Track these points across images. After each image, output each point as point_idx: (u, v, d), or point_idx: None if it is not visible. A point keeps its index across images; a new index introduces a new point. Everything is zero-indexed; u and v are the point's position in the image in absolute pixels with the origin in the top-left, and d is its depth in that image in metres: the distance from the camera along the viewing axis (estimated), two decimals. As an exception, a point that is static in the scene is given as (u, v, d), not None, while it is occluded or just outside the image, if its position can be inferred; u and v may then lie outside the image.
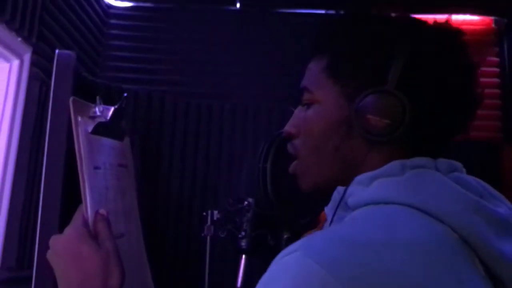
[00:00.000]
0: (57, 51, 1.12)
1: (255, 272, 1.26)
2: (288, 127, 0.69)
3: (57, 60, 1.07)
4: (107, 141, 0.86)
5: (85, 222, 0.72)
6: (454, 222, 0.50)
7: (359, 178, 0.59)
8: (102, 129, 0.82)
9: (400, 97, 0.56)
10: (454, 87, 0.60)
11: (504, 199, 0.59)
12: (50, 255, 0.70)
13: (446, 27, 0.63)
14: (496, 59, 1.80)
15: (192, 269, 1.44)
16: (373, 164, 0.59)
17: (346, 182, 0.61)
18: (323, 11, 1.82)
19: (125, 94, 0.92)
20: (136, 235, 0.97)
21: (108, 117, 0.85)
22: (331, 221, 0.63)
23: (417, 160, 0.58)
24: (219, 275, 1.32)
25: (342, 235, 0.48)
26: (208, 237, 1.29)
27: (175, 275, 1.48)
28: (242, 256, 1.24)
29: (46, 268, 1.06)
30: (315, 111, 0.65)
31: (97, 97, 0.84)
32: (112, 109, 0.87)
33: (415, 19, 0.65)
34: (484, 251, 0.50)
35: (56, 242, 0.69)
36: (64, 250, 0.68)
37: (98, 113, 0.83)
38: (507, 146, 1.71)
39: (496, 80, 1.78)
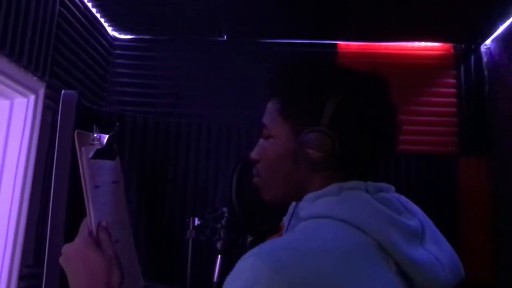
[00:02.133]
0: (62, 91, 1.36)
1: (229, 269, 1.48)
2: (253, 154, 0.83)
3: (62, 99, 1.31)
4: (103, 163, 1.00)
5: (90, 233, 0.85)
6: (374, 233, 0.63)
7: (307, 196, 0.73)
8: (100, 154, 0.98)
9: (329, 134, 0.69)
10: (375, 124, 0.72)
11: (419, 213, 0.73)
12: (62, 260, 0.82)
13: (369, 74, 0.75)
14: (453, 81, 1.96)
15: (176, 267, 1.67)
16: (316, 185, 0.72)
17: (296, 198, 0.76)
18: (306, 41, 2.01)
19: (117, 124, 1.10)
20: (128, 240, 1.12)
21: (104, 143, 1.01)
22: (287, 229, 0.80)
23: (351, 183, 0.71)
24: (199, 272, 1.53)
25: (288, 243, 0.60)
26: (190, 240, 1.50)
27: (162, 272, 1.72)
28: (218, 256, 1.45)
29: (54, 267, 1.30)
30: (271, 144, 0.78)
31: (94, 126, 0.99)
32: (107, 136, 1.03)
33: (346, 68, 0.77)
34: (396, 255, 0.62)
35: (68, 249, 0.82)
36: (75, 255, 0.81)
37: (96, 141, 0.98)
38: (462, 159, 1.88)
39: (453, 100, 1.94)
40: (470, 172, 1.84)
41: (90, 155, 0.95)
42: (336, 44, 2.00)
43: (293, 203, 0.79)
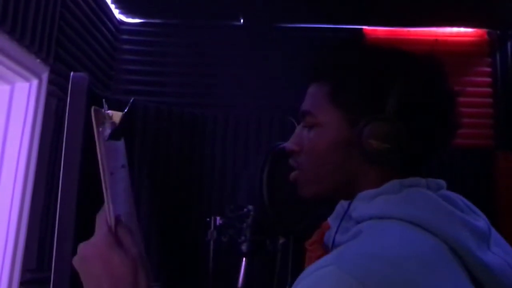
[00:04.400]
0: (72, 73, 1.22)
1: (254, 273, 1.35)
2: (291, 145, 0.76)
3: (71, 81, 1.17)
4: (115, 145, 0.87)
5: (110, 229, 0.73)
6: (446, 235, 0.57)
7: (362, 194, 0.66)
8: (116, 134, 0.84)
9: (398, 124, 0.63)
10: (442, 112, 0.67)
11: (480, 213, 0.66)
12: (77, 261, 0.70)
13: (432, 57, 0.70)
14: (488, 69, 1.85)
15: (196, 270, 1.53)
16: (372, 182, 0.66)
17: (344, 195, 0.69)
18: (323, 26, 1.89)
19: (132, 99, 0.96)
20: (138, 232, 1.02)
21: (118, 122, 0.85)
22: (336, 231, 0.69)
23: (412, 180, 0.65)
24: (221, 277, 1.40)
25: (370, 250, 0.54)
26: (212, 242, 1.37)
27: (181, 276, 1.57)
28: (242, 259, 1.33)
29: (63, 271, 1.16)
30: (318, 133, 0.71)
31: (103, 100, 0.85)
32: (120, 114, 0.92)
33: (406, 52, 0.71)
34: (469, 259, 0.57)
35: (85, 249, 0.70)
36: (94, 257, 0.68)
37: (108, 119, 0.83)
38: (499, 153, 1.77)
39: (488, 89, 1.83)
40: (507, 167, 1.72)
41: (105, 135, 0.81)
42: (361, 29, 1.86)
43: (343, 203, 0.70)
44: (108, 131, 0.82)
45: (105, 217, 0.74)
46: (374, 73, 0.67)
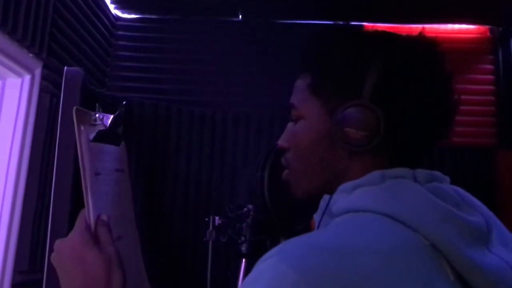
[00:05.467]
0: (65, 68, 1.18)
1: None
2: (281, 141, 0.73)
3: (65, 76, 1.13)
4: (105, 147, 0.88)
5: (88, 227, 0.73)
6: (426, 230, 0.52)
7: (342, 186, 0.62)
8: (102, 136, 0.85)
9: (374, 109, 0.58)
10: (428, 96, 0.61)
11: (483, 208, 0.60)
12: (54, 258, 0.71)
13: (418, 38, 0.64)
14: (491, 67, 1.82)
15: (194, 272, 1.49)
16: (356, 173, 0.62)
17: (332, 190, 0.64)
18: (322, 22, 1.85)
19: (124, 102, 0.96)
20: (132, 237, 1.00)
21: (108, 124, 0.89)
22: (318, 226, 0.67)
23: (396, 170, 0.60)
24: (220, 278, 1.37)
25: (316, 242, 0.51)
26: (210, 242, 1.33)
27: (177, 278, 1.53)
28: (242, 260, 1.29)
29: (56, 272, 1.12)
30: (301, 126, 0.68)
31: (97, 104, 0.87)
32: (111, 116, 0.91)
33: (389, 33, 0.66)
34: (454, 258, 0.52)
35: (61, 246, 0.70)
36: (69, 254, 0.69)
37: (98, 121, 0.86)
38: (502, 151, 1.74)
39: (491, 87, 1.81)
40: (509, 166, 1.69)
41: (91, 136, 0.83)
42: (362, 26, 1.83)
43: (325, 197, 0.68)
44: (94, 133, 0.83)
45: (85, 215, 0.75)
46: (350, 58, 0.63)
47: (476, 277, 0.52)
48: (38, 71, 1.33)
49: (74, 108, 0.79)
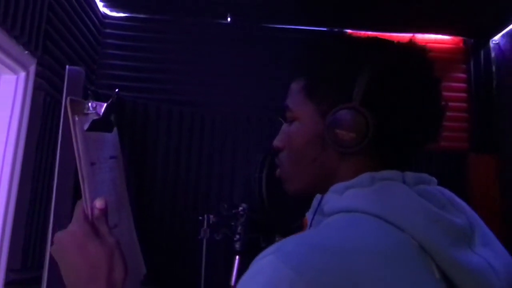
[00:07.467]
0: (67, 67, 1.18)
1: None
2: (275, 142, 0.75)
3: (68, 75, 1.13)
4: (99, 135, 0.88)
5: (87, 218, 0.72)
6: (413, 231, 0.54)
7: (334, 187, 0.63)
8: (96, 125, 0.84)
9: (363, 112, 0.60)
10: (417, 101, 0.63)
11: (467, 209, 0.63)
12: (55, 250, 0.69)
13: (409, 45, 0.66)
14: (463, 75, 1.93)
15: (188, 269, 1.51)
16: (346, 174, 0.64)
17: (324, 190, 0.66)
18: (313, 28, 1.91)
19: (117, 90, 0.94)
20: (128, 224, 0.99)
21: (101, 113, 0.86)
22: (310, 225, 0.68)
23: (385, 173, 0.62)
24: (214, 275, 1.40)
25: (313, 241, 0.52)
26: (204, 240, 1.36)
27: (171, 275, 1.55)
28: (236, 257, 1.33)
29: (58, 270, 1.11)
30: (296, 127, 0.70)
31: (89, 92, 0.87)
32: (104, 105, 0.91)
33: (380, 39, 0.68)
34: (440, 258, 0.54)
35: (62, 238, 0.69)
36: (71, 246, 0.68)
37: (91, 110, 0.84)
38: (473, 155, 1.85)
39: (463, 94, 1.92)
40: (479, 169, 1.81)
41: (85, 126, 0.81)
42: (345, 32, 1.90)
43: (318, 196, 0.68)
44: (89, 121, 0.82)
45: (83, 206, 0.73)
46: (341, 63, 0.65)
47: (460, 276, 0.54)
48: (32, 68, 1.32)
49: (68, 98, 0.78)
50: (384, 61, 0.63)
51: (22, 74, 1.29)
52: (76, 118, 0.78)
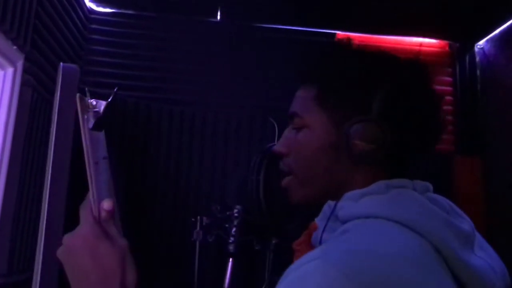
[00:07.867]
0: (61, 64, 1.14)
1: (240, 274, 1.35)
2: (280, 147, 0.76)
3: (62, 73, 1.09)
4: (96, 135, 0.85)
5: (96, 220, 0.71)
6: (430, 235, 0.58)
7: (349, 194, 0.66)
8: (100, 124, 0.83)
9: (382, 125, 0.64)
10: (427, 113, 0.69)
11: (465, 216, 0.68)
12: (62, 253, 0.67)
13: (416, 61, 0.72)
14: (449, 79, 1.97)
15: (181, 271, 1.48)
16: (360, 183, 0.67)
17: (334, 197, 0.69)
18: (304, 29, 1.92)
19: (116, 89, 0.91)
20: (120, 227, 0.98)
21: (102, 111, 0.84)
22: (323, 231, 0.70)
23: (398, 181, 0.66)
24: (207, 278, 1.38)
25: (355, 246, 0.54)
26: (197, 242, 1.34)
27: (164, 277, 1.52)
28: (229, 259, 1.32)
29: (52, 271, 1.07)
30: (305, 135, 0.71)
31: (86, 89, 0.85)
32: (105, 103, 0.89)
33: (391, 54, 0.73)
34: (452, 260, 0.57)
35: (72, 240, 0.67)
36: (82, 249, 0.66)
37: (92, 108, 0.82)
38: (458, 157, 1.89)
39: (449, 98, 1.96)
40: (465, 171, 1.85)
41: (90, 125, 0.80)
42: (335, 34, 1.91)
43: (330, 203, 0.70)
44: (92, 120, 0.81)
45: (90, 208, 0.71)
46: (360, 76, 0.68)
47: (468, 277, 0.58)
48: (20, 64, 1.27)
49: (78, 95, 0.77)
50: (400, 77, 0.67)
51: (10, 70, 1.24)
52: (85, 116, 0.78)
